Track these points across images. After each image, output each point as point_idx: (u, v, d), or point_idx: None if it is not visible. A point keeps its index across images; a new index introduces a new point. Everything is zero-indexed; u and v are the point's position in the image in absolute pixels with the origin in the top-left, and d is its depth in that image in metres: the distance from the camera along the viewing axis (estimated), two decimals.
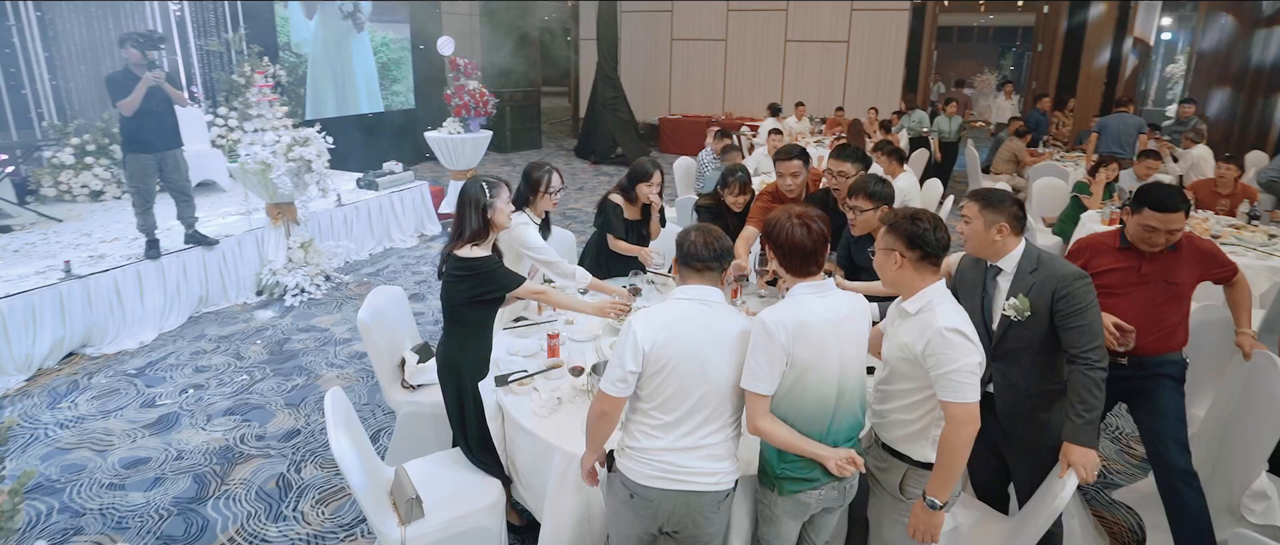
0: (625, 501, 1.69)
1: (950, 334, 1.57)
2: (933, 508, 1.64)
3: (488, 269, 2.08)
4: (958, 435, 1.58)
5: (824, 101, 11.19)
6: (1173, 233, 2.12)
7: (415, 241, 6.29)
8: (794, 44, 11.79)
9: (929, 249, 1.67)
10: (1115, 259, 2.23)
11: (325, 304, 4.80)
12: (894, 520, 1.80)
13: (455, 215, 2.18)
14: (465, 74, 5.98)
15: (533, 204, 2.87)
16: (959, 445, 1.59)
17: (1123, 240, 2.24)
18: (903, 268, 1.70)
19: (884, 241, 1.74)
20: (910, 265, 1.69)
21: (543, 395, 2.22)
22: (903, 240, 1.69)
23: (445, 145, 6.10)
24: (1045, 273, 1.86)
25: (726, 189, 3.21)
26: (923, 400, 1.69)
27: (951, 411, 1.58)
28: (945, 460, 1.61)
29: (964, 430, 1.57)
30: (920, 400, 1.69)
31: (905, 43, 10.96)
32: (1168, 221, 2.09)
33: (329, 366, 3.90)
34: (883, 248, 1.74)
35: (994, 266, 1.97)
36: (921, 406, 1.69)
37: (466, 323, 2.16)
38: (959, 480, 1.68)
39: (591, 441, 1.73)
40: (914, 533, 1.69)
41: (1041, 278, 1.86)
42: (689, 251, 1.67)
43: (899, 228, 1.70)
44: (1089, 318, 1.81)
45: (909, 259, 1.68)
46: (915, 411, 1.70)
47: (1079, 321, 1.80)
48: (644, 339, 1.58)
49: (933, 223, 1.69)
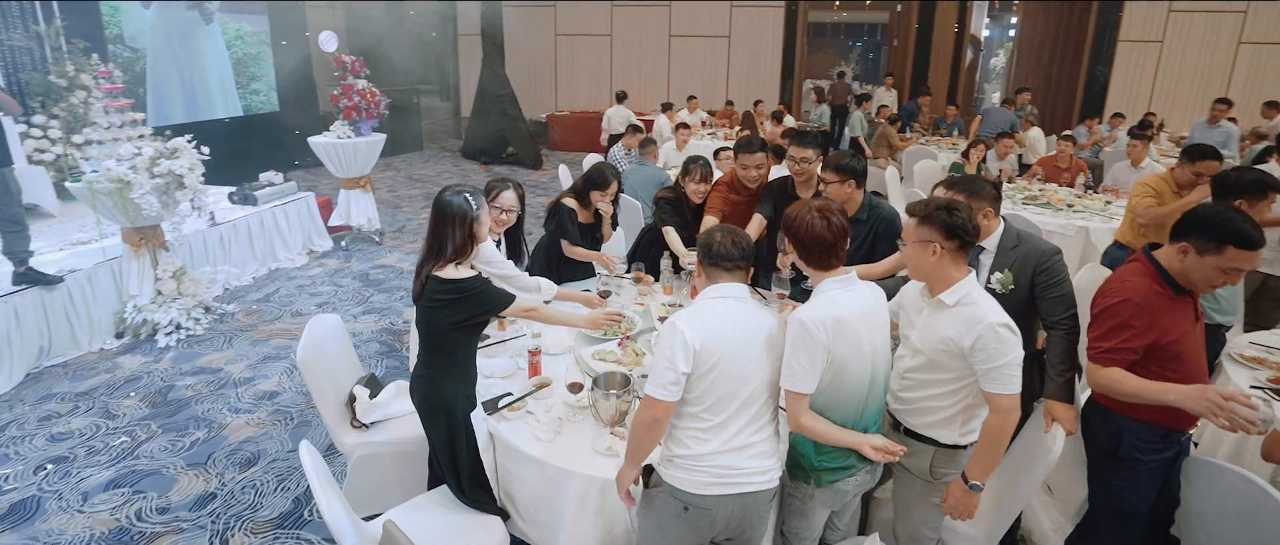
0: (677, 515, 1.62)
1: (1002, 329, 1.60)
2: (975, 490, 1.73)
3: (477, 290, 1.88)
4: (1004, 424, 1.66)
5: (708, 95, 11.57)
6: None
7: (305, 259, 5.62)
8: (677, 39, 12.08)
9: (967, 238, 1.67)
10: (1178, 313, 1.75)
11: (210, 340, 4.15)
12: (923, 501, 1.88)
13: (431, 232, 1.95)
14: (353, 72, 5.41)
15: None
16: (1005, 433, 1.67)
17: (1173, 285, 1.74)
18: (941, 259, 1.68)
19: (919, 234, 1.70)
20: (949, 256, 1.68)
21: (540, 418, 2.07)
22: (941, 231, 1.66)
23: (335, 151, 5.50)
24: (1026, 249, 2.05)
25: (687, 178, 3.18)
26: (959, 389, 1.74)
27: (999, 402, 1.64)
28: (990, 447, 1.69)
29: (1010, 419, 1.65)
30: (956, 389, 1.74)
31: (782, 38, 11.63)
32: (1253, 261, 1.66)
33: (233, 412, 3.37)
34: (918, 240, 1.70)
35: (977, 246, 2.13)
36: (956, 394, 1.75)
37: (452, 351, 1.95)
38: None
39: (637, 455, 1.64)
40: (952, 512, 1.78)
41: (1023, 253, 2.05)
42: (719, 252, 1.64)
43: (936, 219, 1.67)
44: (1066, 288, 2.02)
45: (948, 250, 1.67)
46: (949, 399, 1.76)
47: (1058, 292, 2.01)
48: (693, 338, 1.53)
49: (967, 212, 1.69)
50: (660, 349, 1.58)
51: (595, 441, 1.96)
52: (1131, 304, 1.72)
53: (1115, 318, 1.74)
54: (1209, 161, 3.14)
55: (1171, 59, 10.62)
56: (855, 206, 2.70)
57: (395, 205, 7.67)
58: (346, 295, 4.93)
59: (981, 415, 1.76)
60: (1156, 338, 1.71)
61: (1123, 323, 1.73)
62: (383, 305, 4.76)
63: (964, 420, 1.79)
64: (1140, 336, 1.71)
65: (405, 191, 8.47)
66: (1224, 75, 10.55)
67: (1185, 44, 10.52)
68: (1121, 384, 1.73)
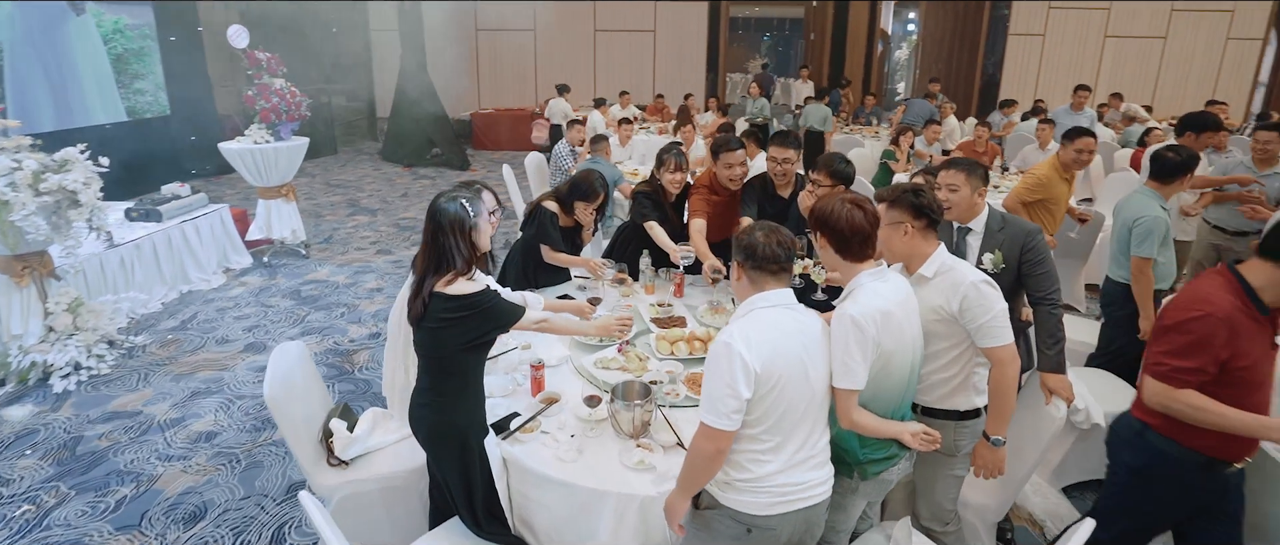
0: (739, 537, 1.54)
1: (983, 285, 1.71)
2: (997, 445, 1.81)
3: (488, 304, 1.71)
4: (1006, 375, 1.74)
5: (635, 89, 11.55)
6: None
7: (222, 279, 5.05)
8: (603, 34, 11.95)
9: (934, 216, 1.81)
10: (1259, 335, 1.63)
11: (120, 379, 3.62)
12: (945, 475, 1.92)
13: (427, 244, 1.75)
14: (269, 71, 4.88)
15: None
16: (1010, 383, 1.75)
17: (1259, 304, 1.62)
18: (912, 237, 1.80)
19: (890, 216, 1.81)
20: (918, 234, 1.81)
21: (557, 437, 1.92)
22: (909, 212, 1.80)
23: (252, 158, 4.95)
24: (1011, 230, 2.13)
25: (662, 168, 3.08)
26: (959, 356, 1.81)
27: (997, 355, 1.73)
28: (1001, 400, 1.77)
29: (1010, 369, 1.74)
30: (957, 356, 1.81)
31: (706, 32, 11.78)
32: None
33: (164, 461, 2.94)
34: (890, 222, 1.81)
35: (963, 227, 2.19)
36: (958, 361, 1.81)
37: (462, 374, 1.76)
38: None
39: (693, 485, 1.54)
40: (983, 471, 1.85)
41: (1009, 234, 2.13)
42: (765, 255, 1.52)
43: (903, 201, 1.81)
44: (1049, 264, 2.13)
45: (917, 229, 1.80)
46: (953, 367, 1.82)
47: (1043, 268, 2.10)
48: (753, 359, 1.42)
49: (930, 193, 1.83)
50: (715, 373, 1.46)
51: (623, 456, 1.84)
52: (1213, 319, 1.59)
53: (1193, 333, 1.60)
54: (1087, 139, 3.46)
55: (1052, 51, 11.72)
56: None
57: (317, 214, 7.08)
58: (278, 316, 4.47)
59: (982, 376, 1.84)
60: (1231, 359, 1.59)
61: (1202, 339, 1.59)
62: (322, 324, 4.36)
63: (971, 385, 1.86)
64: (1219, 355, 1.59)
65: (325, 199, 7.84)
66: (1094, 65, 11.77)
67: (1062, 38, 11.64)
68: (1202, 410, 1.59)
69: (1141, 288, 2.82)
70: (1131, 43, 11.51)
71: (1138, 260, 2.82)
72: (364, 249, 5.95)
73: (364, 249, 5.95)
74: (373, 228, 6.65)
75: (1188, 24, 11.35)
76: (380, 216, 7.07)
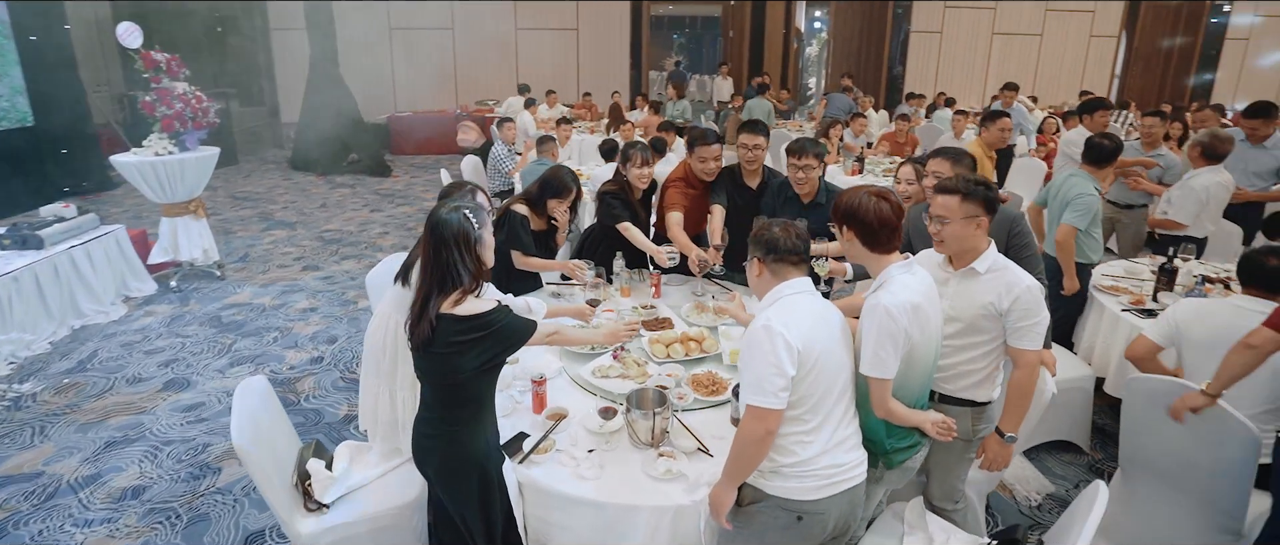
0: (789, 526, 1.54)
1: (1036, 290, 1.75)
2: (1011, 441, 1.86)
3: (502, 323, 1.57)
4: (1031, 377, 1.80)
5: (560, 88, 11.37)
6: None
7: (122, 310, 4.46)
8: (525, 32, 11.66)
9: (996, 211, 1.84)
10: None
11: (10, 435, 3.10)
12: (961, 459, 1.98)
13: (429, 262, 1.58)
14: (170, 73, 4.34)
15: None
16: (1032, 385, 1.82)
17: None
18: (980, 231, 1.80)
19: (966, 209, 1.78)
20: (984, 229, 1.81)
21: (574, 454, 1.82)
22: (984, 206, 1.79)
23: (154, 172, 4.38)
24: (999, 216, 2.24)
25: (629, 164, 3.01)
26: (993, 351, 1.86)
27: (1027, 357, 1.78)
28: (1020, 399, 1.83)
29: (1035, 372, 1.81)
30: (989, 351, 1.85)
31: (629, 30, 11.78)
32: None
33: (83, 527, 2.54)
34: (965, 215, 1.78)
35: None
36: (991, 356, 1.86)
37: (477, 399, 1.61)
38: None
39: (742, 472, 1.52)
40: (991, 465, 1.90)
41: (997, 221, 2.23)
42: (786, 247, 1.57)
43: (978, 194, 1.78)
44: (1034, 246, 2.27)
45: (985, 223, 1.81)
46: (984, 361, 1.87)
47: (1030, 251, 2.24)
48: (794, 338, 1.44)
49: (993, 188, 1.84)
50: (757, 356, 1.46)
51: (647, 467, 1.77)
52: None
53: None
54: (1005, 119, 3.96)
55: (948, 47, 12.67)
56: (815, 191, 2.80)
57: (226, 231, 6.43)
58: (199, 347, 4.00)
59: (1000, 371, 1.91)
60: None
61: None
62: (253, 352, 3.94)
63: (994, 380, 1.93)
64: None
65: (233, 213, 7.14)
66: (985, 61, 12.84)
67: (957, 35, 12.61)
68: None
69: (1067, 253, 3.12)
70: (1015, 39, 12.65)
71: (1067, 228, 3.11)
72: (287, 266, 5.46)
73: (287, 266, 5.46)
74: (294, 242, 6.12)
75: (1059, 23, 12.62)
76: (300, 230, 6.53)
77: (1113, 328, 3.10)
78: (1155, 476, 2.14)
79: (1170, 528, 2.17)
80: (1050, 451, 3.07)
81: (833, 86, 11.65)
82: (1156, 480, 2.16)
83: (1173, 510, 2.15)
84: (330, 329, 4.27)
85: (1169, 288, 3.15)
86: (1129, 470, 2.24)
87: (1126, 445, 2.22)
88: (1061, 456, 3.06)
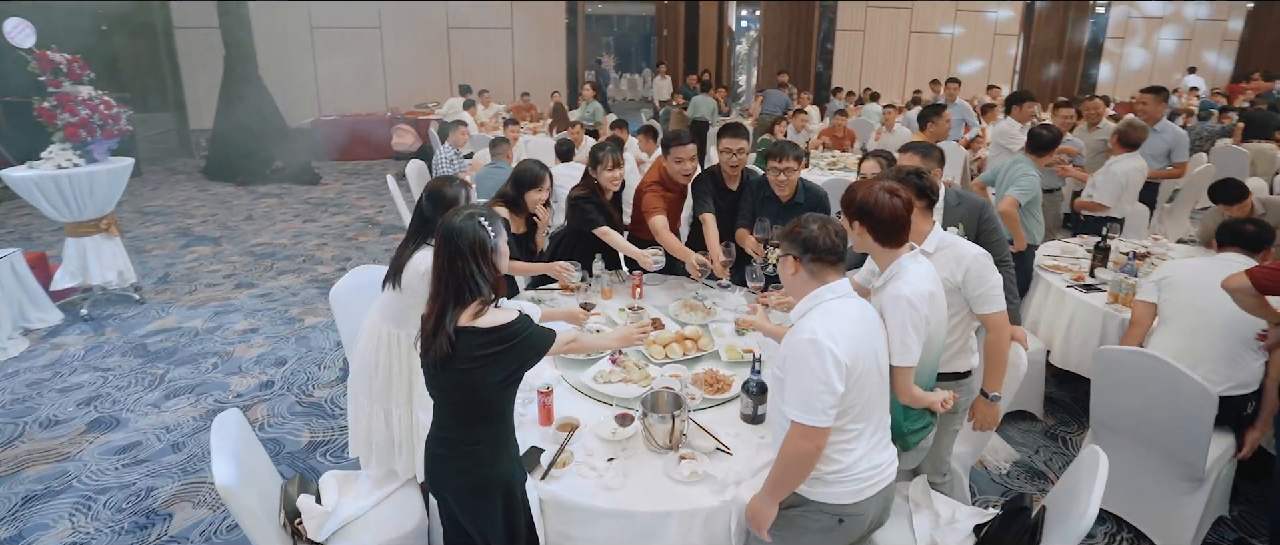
0: (830, 529, 1.54)
1: (983, 258, 1.91)
2: (995, 401, 1.99)
3: (526, 332, 1.48)
4: (1002, 338, 1.94)
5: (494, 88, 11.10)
6: None
7: (24, 345, 3.96)
8: (457, 31, 11.29)
9: (933, 196, 1.98)
10: None
11: None
12: (948, 432, 2.10)
13: (445, 272, 1.47)
14: (72, 76, 3.87)
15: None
16: (1005, 345, 1.95)
17: None
18: (922, 215, 1.94)
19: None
20: (921, 213, 1.93)
21: (594, 465, 1.76)
22: (915, 192, 1.90)
23: (56, 187, 3.89)
24: (968, 203, 2.36)
25: (600, 166, 2.93)
26: (960, 322, 1.98)
27: (994, 320, 1.92)
28: (996, 359, 1.96)
29: (1005, 333, 1.94)
30: (959, 323, 1.98)
31: (564, 29, 11.63)
32: None
33: None
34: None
35: None
36: (959, 327, 1.99)
37: (501, 416, 1.52)
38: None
39: (786, 487, 1.50)
40: (982, 425, 2.04)
41: (967, 207, 2.35)
42: (826, 246, 1.50)
43: (909, 183, 1.91)
44: (1001, 231, 2.40)
45: (920, 207, 1.92)
46: (956, 333, 1.99)
47: (998, 235, 2.37)
48: (842, 353, 1.41)
49: (929, 177, 2.00)
50: (804, 373, 1.42)
51: (670, 471, 1.73)
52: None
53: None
54: (947, 112, 4.28)
55: (871, 45, 13.32)
56: (795, 191, 2.84)
57: (139, 250, 5.84)
58: (124, 380, 3.61)
59: (974, 340, 2.04)
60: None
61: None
62: (192, 382, 3.60)
63: (969, 348, 2.06)
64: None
65: (144, 230, 6.51)
66: (903, 58, 13.59)
67: (879, 33, 13.27)
68: None
69: (1012, 220, 3.36)
70: (930, 38, 13.45)
71: (1010, 199, 3.37)
72: (217, 285, 5.03)
73: (217, 285, 5.03)
74: (221, 259, 5.64)
75: (968, 21, 13.53)
76: (226, 245, 6.03)
77: (1058, 303, 3.34)
78: (1124, 436, 2.31)
79: (1140, 479, 2.35)
80: (1009, 421, 3.27)
81: (765, 83, 11.98)
82: (1125, 439, 2.34)
83: (1141, 465, 2.33)
84: (277, 350, 3.96)
85: (1104, 264, 3.43)
86: (1100, 432, 2.42)
87: (1097, 409, 2.39)
88: (1019, 425, 3.26)
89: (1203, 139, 7.39)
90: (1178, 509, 2.27)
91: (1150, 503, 2.32)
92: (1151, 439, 2.26)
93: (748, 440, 1.86)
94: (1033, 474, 2.90)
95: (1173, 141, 4.53)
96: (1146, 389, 2.19)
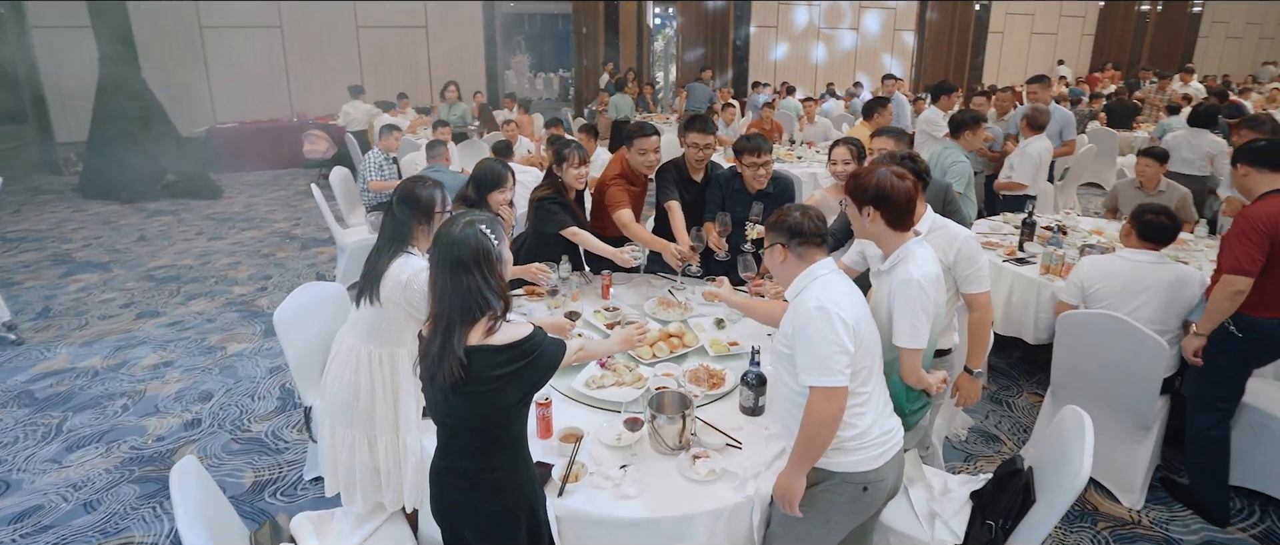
0: (855, 498, 1.58)
1: (974, 239, 1.99)
2: (978, 377, 2.08)
3: (542, 346, 1.37)
4: (986, 316, 2.03)
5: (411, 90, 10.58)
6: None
7: None
8: (367, 31, 10.65)
9: (926, 178, 2.11)
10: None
11: None
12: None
13: (444, 291, 1.32)
14: None
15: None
16: (988, 324, 2.04)
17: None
18: (919, 196, 1.96)
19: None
20: (918, 197, 1.98)
21: (608, 474, 1.69)
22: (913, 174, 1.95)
23: None
24: (934, 187, 2.46)
25: (566, 164, 2.82)
26: (947, 303, 2.01)
27: (980, 299, 2.01)
28: (981, 337, 2.05)
29: (989, 312, 2.03)
30: (945, 303, 2.00)
31: (482, 28, 11.26)
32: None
33: None
34: None
35: None
36: (946, 308, 2.02)
37: (520, 436, 1.42)
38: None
39: (813, 456, 1.52)
40: (965, 400, 2.12)
41: (933, 191, 2.45)
42: (810, 230, 1.60)
43: (907, 165, 1.96)
44: (963, 213, 2.51)
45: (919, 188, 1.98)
46: (943, 314, 2.04)
47: (960, 218, 2.48)
48: (847, 314, 1.47)
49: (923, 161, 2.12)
50: (816, 338, 1.46)
51: (686, 472, 1.69)
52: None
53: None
54: (889, 105, 4.53)
55: (784, 42, 13.81)
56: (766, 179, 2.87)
57: (8, 282, 5.08)
58: (11, 434, 3.11)
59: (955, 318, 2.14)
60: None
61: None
62: (100, 429, 3.15)
63: (953, 327, 2.16)
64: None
65: (9, 258, 5.67)
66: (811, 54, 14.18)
67: (788, 30, 13.78)
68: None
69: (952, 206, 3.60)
70: (835, 35, 14.15)
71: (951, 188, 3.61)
72: (114, 316, 4.45)
73: (114, 316, 4.45)
74: (114, 287, 5.01)
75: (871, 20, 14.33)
76: (118, 271, 5.36)
77: (996, 277, 3.57)
78: (1082, 394, 2.49)
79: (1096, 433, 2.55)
80: None
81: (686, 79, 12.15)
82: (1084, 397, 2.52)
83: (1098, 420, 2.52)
84: (199, 384, 3.55)
85: (1030, 238, 3.71)
86: (1058, 392, 2.61)
87: (1058, 371, 2.58)
88: None
89: (1078, 121, 8.26)
90: (1130, 456, 2.48)
91: (1106, 452, 2.52)
92: (1106, 393, 2.46)
93: (754, 433, 1.85)
94: (987, 438, 3.09)
95: (1063, 122, 5.01)
96: (1105, 348, 2.38)
